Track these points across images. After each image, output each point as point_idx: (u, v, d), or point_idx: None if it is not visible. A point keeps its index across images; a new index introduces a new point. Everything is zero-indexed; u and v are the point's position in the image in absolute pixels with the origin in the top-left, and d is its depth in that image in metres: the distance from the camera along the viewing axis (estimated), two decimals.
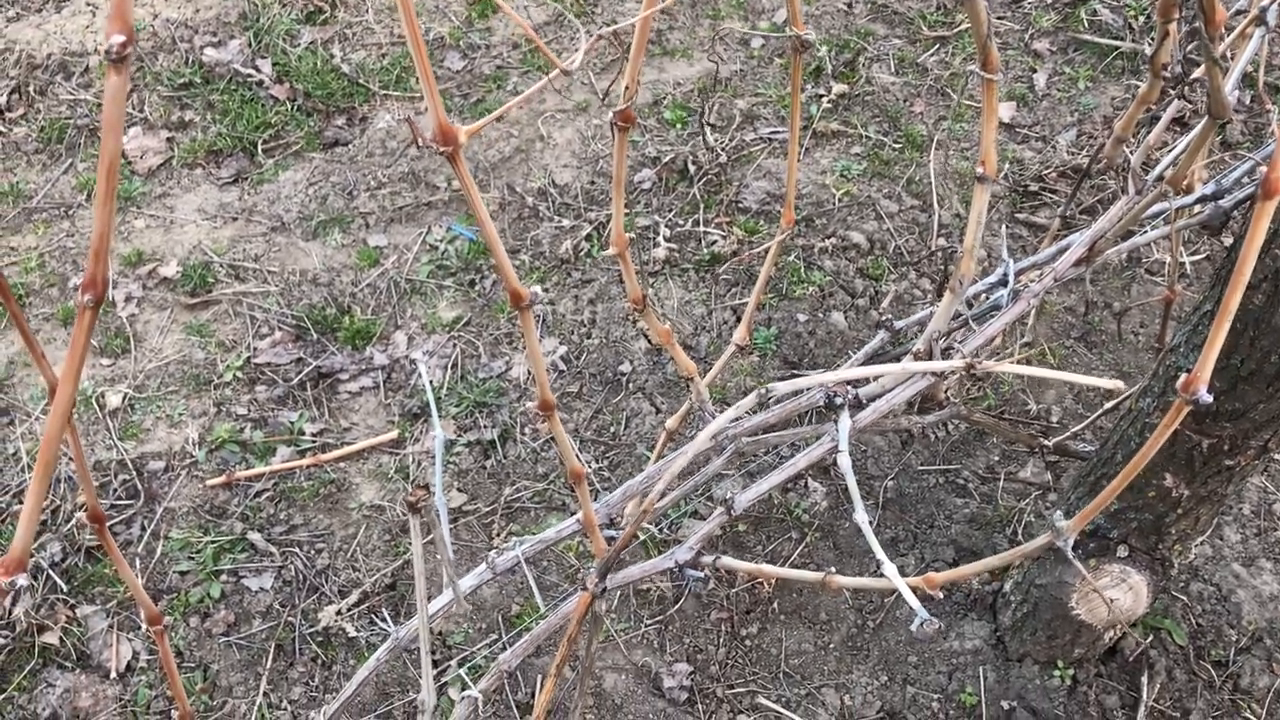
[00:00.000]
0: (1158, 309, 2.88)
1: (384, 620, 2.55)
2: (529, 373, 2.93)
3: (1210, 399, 0.89)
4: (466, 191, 0.92)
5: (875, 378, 1.55)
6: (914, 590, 1.20)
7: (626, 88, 1.10)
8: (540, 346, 2.98)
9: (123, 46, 0.77)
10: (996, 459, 2.78)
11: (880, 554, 1.23)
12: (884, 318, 1.64)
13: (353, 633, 2.53)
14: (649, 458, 2.68)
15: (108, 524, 2.66)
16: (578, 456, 2.76)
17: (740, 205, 3.26)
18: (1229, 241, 2.95)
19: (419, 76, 0.84)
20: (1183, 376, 0.90)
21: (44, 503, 2.59)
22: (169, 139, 3.48)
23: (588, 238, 3.19)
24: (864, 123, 3.48)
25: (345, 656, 2.51)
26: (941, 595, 1.09)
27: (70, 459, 2.74)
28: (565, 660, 1.27)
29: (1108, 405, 2.57)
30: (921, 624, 1.17)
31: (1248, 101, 3.47)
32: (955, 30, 3.74)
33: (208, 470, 2.79)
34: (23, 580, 0.98)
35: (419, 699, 1.14)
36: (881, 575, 1.23)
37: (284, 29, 3.72)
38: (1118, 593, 2.15)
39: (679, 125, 3.46)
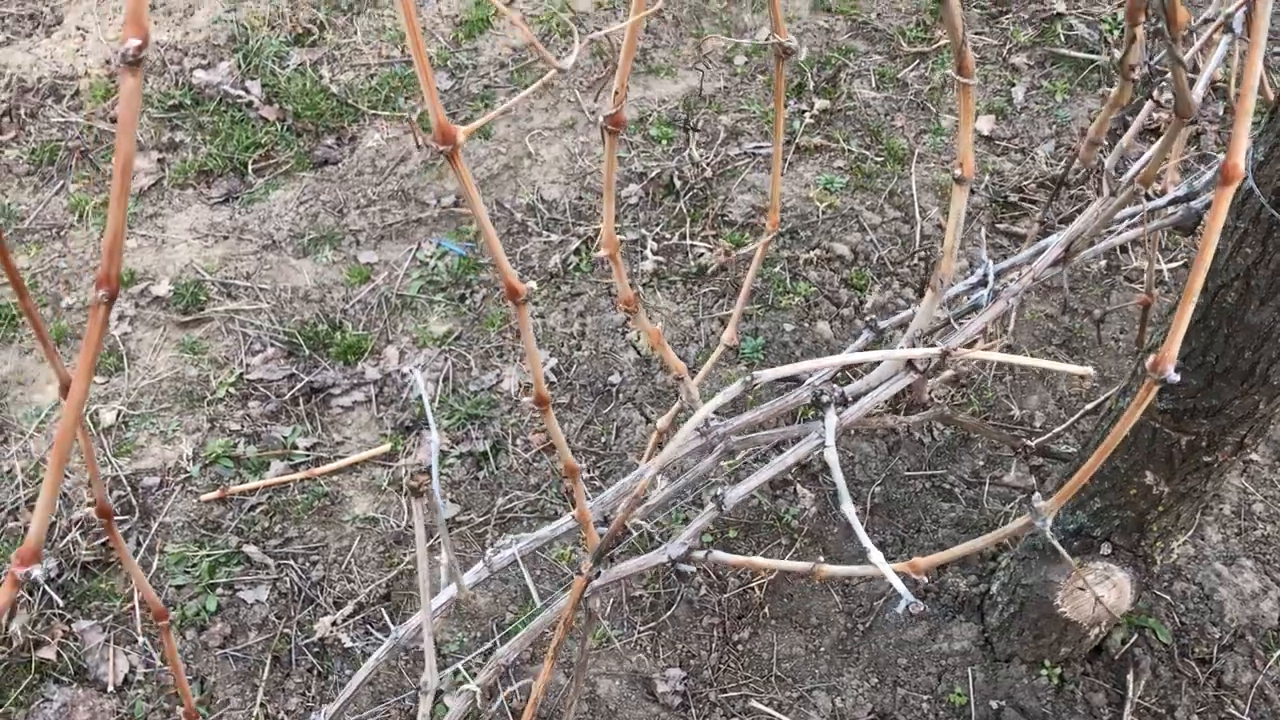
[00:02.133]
0: (1136, 314, 2.94)
1: (380, 630, 2.57)
2: (520, 384, 2.97)
3: (1178, 378, 0.94)
4: (464, 188, 0.96)
5: (860, 375, 1.59)
6: (900, 575, 1.24)
7: (616, 92, 1.14)
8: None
9: (138, 50, 0.81)
10: (982, 464, 2.82)
11: (866, 541, 1.26)
12: (868, 318, 1.68)
13: (348, 643, 2.55)
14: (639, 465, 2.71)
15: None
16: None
17: (726, 218, 3.31)
18: None
19: (419, 78, 0.88)
20: (1151, 357, 0.94)
21: (57, 497, 2.61)
22: (160, 160, 3.51)
23: (576, 251, 3.23)
24: (846, 137, 3.54)
25: (341, 667, 2.53)
26: (927, 579, 1.13)
27: (72, 473, 2.76)
28: (561, 644, 1.30)
29: (1088, 406, 2.62)
30: (907, 606, 1.20)
31: (1221, 113, 3.55)
32: (934, 46, 3.80)
33: (202, 485, 2.81)
34: (38, 571, 1.01)
35: (421, 681, 1.18)
36: (869, 563, 1.27)
37: (273, 51, 3.76)
38: (1102, 589, 2.19)
39: (665, 141, 3.51)
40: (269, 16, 3.89)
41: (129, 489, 2.79)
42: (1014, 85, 3.69)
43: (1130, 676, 2.44)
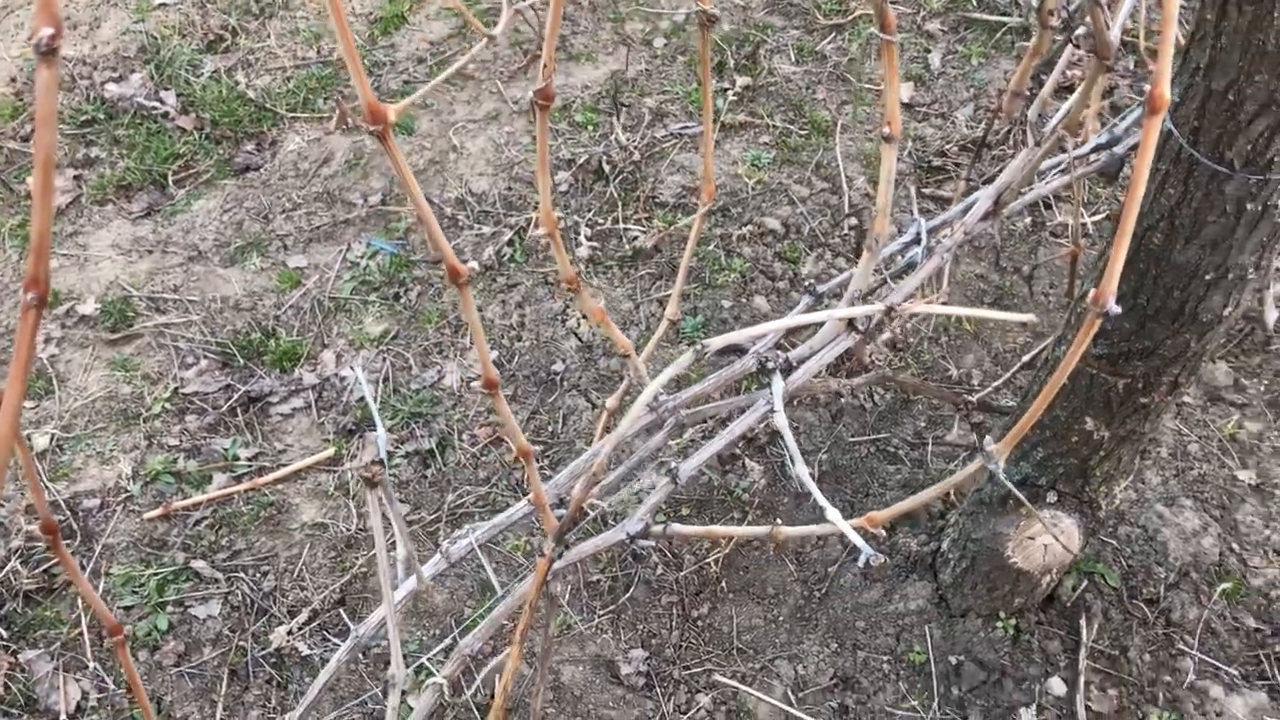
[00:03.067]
0: (1064, 268, 2.99)
1: (336, 635, 2.54)
2: (462, 379, 2.95)
3: (1119, 309, 0.95)
4: (397, 168, 0.95)
5: (805, 339, 1.60)
6: (857, 530, 1.25)
7: (544, 65, 1.14)
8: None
9: (52, 39, 0.79)
10: (923, 424, 2.86)
11: (822, 499, 1.27)
12: (807, 283, 1.70)
13: (306, 651, 2.52)
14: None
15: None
16: None
17: (657, 200, 3.31)
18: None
19: (345, 57, 0.87)
20: (1091, 291, 0.95)
21: None
22: (76, 177, 3.43)
23: (509, 243, 3.22)
24: (770, 112, 3.56)
25: (300, 675, 2.50)
26: (885, 532, 1.14)
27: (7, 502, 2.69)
28: (528, 627, 1.29)
29: (1024, 359, 2.66)
30: (868, 560, 1.21)
31: (1131, 67, 3.62)
32: (850, 17, 3.83)
33: (144, 504, 2.76)
34: None
35: (389, 674, 1.16)
36: (826, 521, 1.28)
37: (186, 59, 3.69)
38: (1051, 537, 2.23)
39: (590, 127, 3.50)
40: (179, 25, 3.82)
41: (69, 513, 2.72)
42: (930, 52, 3.73)
43: (1083, 621, 2.49)
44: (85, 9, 3.89)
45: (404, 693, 2.43)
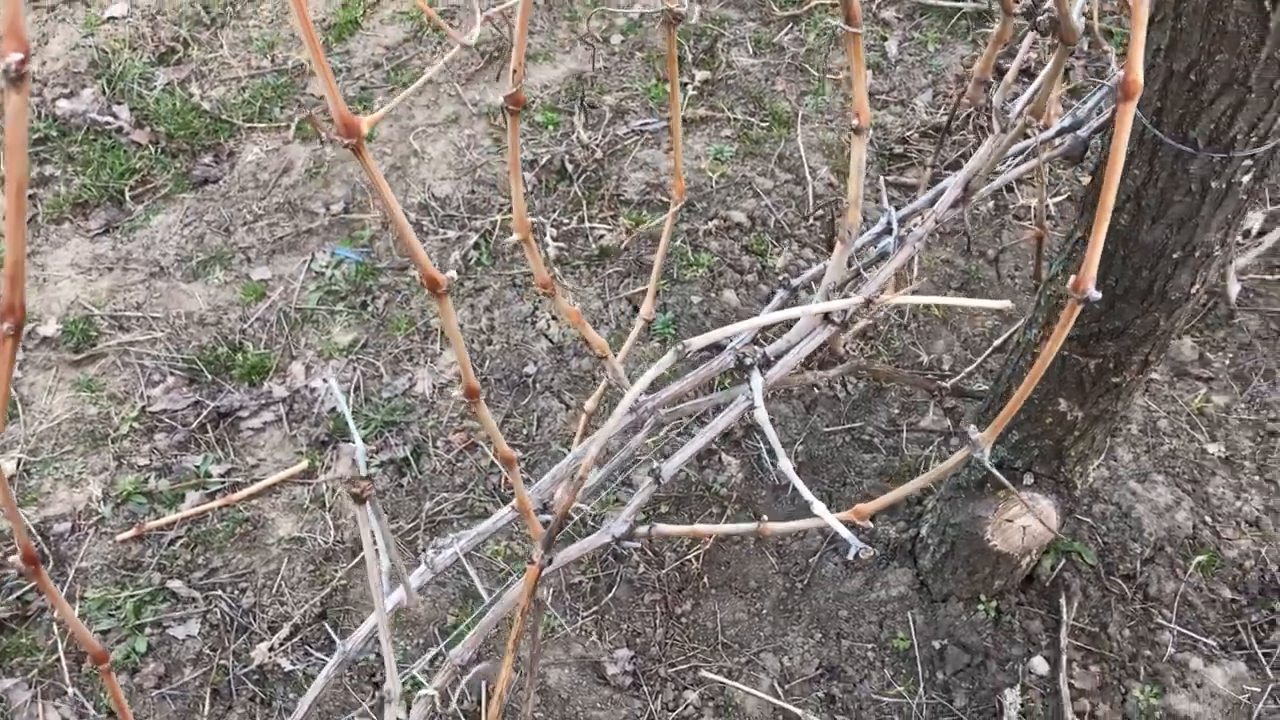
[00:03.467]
0: (1029, 251, 3.01)
1: (319, 650, 2.52)
2: (434, 386, 2.93)
3: (1099, 295, 0.96)
4: (373, 180, 0.94)
5: (781, 334, 1.60)
6: (845, 523, 1.25)
7: (514, 70, 1.13)
8: (447, 351, 2.98)
9: (20, 64, 0.77)
10: (897, 412, 2.87)
11: (808, 495, 1.27)
12: (781, 277, 1.70)
13: (288, 666, 2.50)
14: (565, 453, 2.70)
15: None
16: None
17: (622, 198, 3.30)
18: (1086, 181, 3.10)
19: (315, 67, 0.86)
20: (1071, 278, 0.96)
21: None
22: (31, 196, 3.38)
23: (475, 246, 3.20)
24: (730, 105, 3.56)
25: (284, 691, 2.48)
26: (872, 525, 1.14)
27: None
28: (520, 635, 1.29)
29: (996, 343, 2.68)
30: (857, 552, 1.22)
31: (1086, 48, 3.65)
32: (805, 8, 3.84)
33: (116, 525, 2.73)
34: None
35: (384, 689, 1.15)
36: (812, 516, 1.28)
37: (138, 73, 3.64)
38: (1029, 519, 2.25)
39: (551, 126, 3.49)
40: (129, 38, 3.77)
41: (39, 537, 2.68)
42: (886, 40, 3.75)
43: (1063, 600, 2.52)
44: (33, 25, 3.83)
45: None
